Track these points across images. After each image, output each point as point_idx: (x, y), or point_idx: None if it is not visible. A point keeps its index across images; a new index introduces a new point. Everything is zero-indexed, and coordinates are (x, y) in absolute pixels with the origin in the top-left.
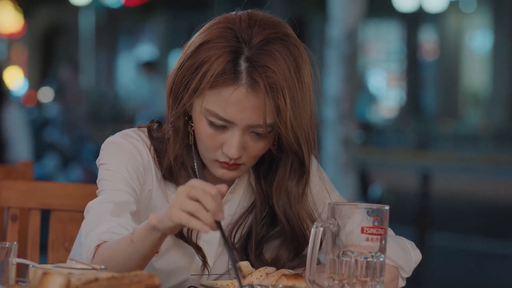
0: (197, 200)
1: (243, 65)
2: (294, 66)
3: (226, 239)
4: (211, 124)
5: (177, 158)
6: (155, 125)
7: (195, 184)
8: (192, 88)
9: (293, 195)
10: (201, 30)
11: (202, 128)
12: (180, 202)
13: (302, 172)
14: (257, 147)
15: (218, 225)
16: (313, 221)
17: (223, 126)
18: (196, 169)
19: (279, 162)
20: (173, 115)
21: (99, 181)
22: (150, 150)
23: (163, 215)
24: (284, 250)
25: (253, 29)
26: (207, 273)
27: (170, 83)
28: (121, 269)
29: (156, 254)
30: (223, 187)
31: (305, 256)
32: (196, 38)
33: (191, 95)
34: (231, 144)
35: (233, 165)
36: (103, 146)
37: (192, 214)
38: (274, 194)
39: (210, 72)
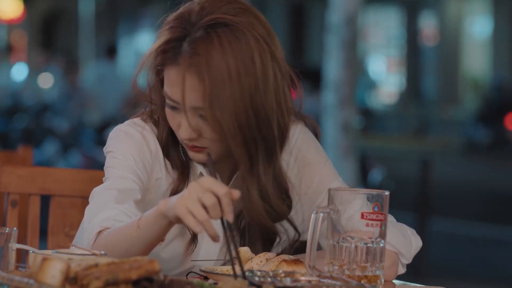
0: (205, 207)
1: (184, 46)
2: (233, 52)
3: (228, 240)
4: (167, 105)
5: (166, 142)
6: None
7: (207, 187)
8: (151, 71)
9: (245, 192)
10: None
11: (166, 110)
12: (190, 202)
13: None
14: (210, 130)
15: (227, 224)
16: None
17: (175, 107)
18: (182, 153)
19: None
20: (151, 100)
21: (105, 168)
22: (157, 138)
23: (171, 204)
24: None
25: (204, 12)
26: (208, 258)
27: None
28: (123, 256)
29: (160, 243)
30: (236, 193)
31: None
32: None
33: (153, 78)
34: (182, 126)
35: (196, 148)
36: (110, 134)
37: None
38: (232, 185)
39: (157, 50)
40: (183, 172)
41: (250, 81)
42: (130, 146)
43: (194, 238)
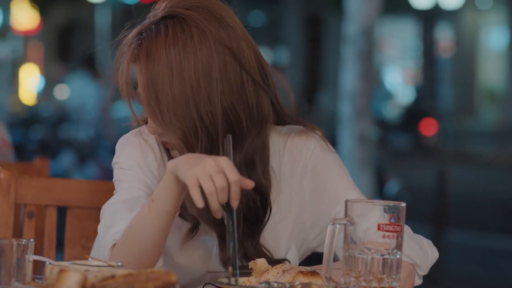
0: (215, 185)
1: (137, 39)
2: (176, 43)
3: (232, 228)
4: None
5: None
6: None
7: (222, 168)
8: None
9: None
10: None
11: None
12: (202, 175)
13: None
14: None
15: (229, 211)
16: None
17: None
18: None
19: None
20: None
21: (114, 182)
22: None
23: (182, 165)
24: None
25: (167, 6)
26: (223, 268)
27: None
28: (142, 244)
29: (176, 215)
30: (249, 183)
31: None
32: None
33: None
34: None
35: (167, 144)
36: (117, 145)
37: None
38: None
39: (126, 44)
40: None
41: (191, 72)
42: (134, 154)
43: (194, 226)
